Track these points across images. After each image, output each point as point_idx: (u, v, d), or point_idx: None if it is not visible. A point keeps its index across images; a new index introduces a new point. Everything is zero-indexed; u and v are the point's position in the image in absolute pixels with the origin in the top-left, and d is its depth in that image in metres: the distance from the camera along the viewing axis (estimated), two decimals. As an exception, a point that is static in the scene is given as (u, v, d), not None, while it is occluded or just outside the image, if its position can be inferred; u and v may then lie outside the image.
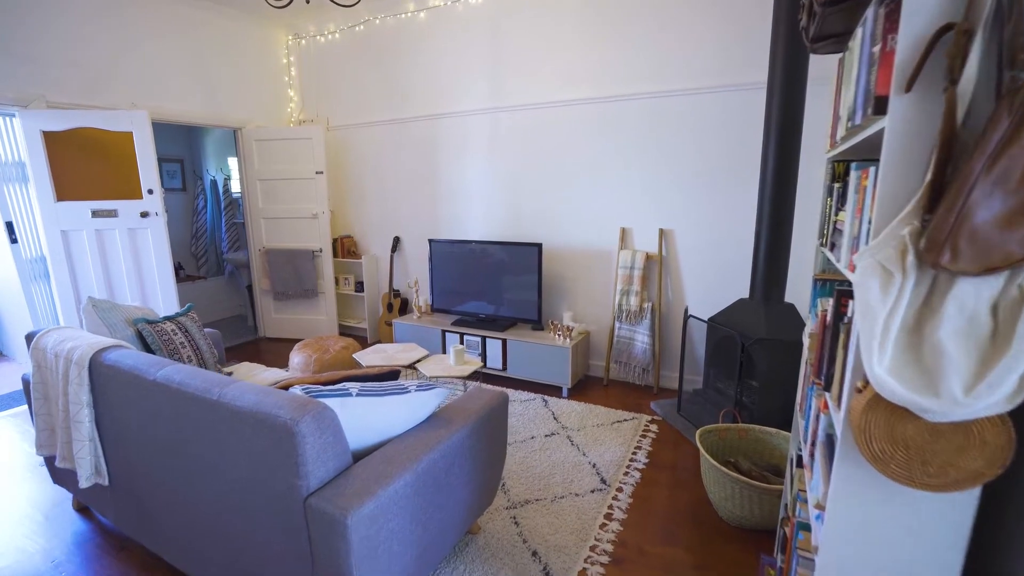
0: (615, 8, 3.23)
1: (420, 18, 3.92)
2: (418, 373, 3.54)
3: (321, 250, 4.48)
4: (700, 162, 3.15)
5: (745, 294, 3.06)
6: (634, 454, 2.61)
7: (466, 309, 3.83)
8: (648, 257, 3.36)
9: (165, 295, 3.66)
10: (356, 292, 4.67)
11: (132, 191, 3.47)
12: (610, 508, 2.17)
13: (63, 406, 1.80)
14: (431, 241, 3.86)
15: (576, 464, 2.50)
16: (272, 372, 2.68)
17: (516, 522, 2.07)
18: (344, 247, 4.66)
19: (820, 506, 0.99)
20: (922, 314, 0.71)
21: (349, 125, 4.49)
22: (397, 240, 4.48)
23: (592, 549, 1.93)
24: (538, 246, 3.44)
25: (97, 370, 1.74)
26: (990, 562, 0.87)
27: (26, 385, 2.07)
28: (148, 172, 3.46)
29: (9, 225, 3.50)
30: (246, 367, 2.76)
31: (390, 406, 1.52)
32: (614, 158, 3.41)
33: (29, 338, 2.02)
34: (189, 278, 5.43)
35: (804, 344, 1.55)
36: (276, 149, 4.36)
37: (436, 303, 3.95)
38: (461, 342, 3.67)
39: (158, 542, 1.77)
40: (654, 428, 2.90)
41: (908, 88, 0.74)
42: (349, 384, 1.54)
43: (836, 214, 1.22)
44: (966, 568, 0.84)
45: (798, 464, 1.52)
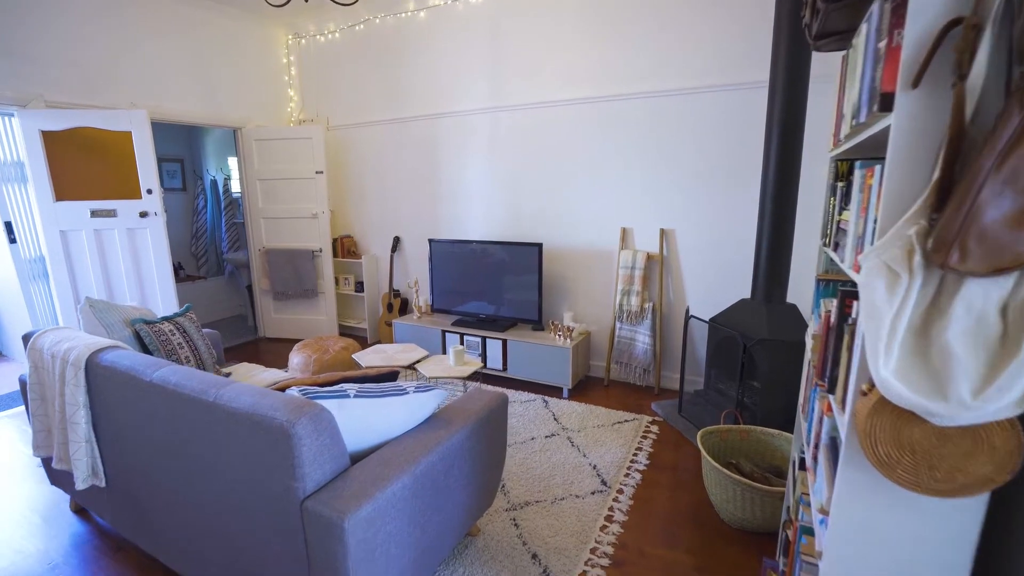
0: (615, 7, 3.21)
1: (420, 17, 3.91)
2: (418, 374, 3.53)
3: (321, 250, 4.47)
4: (701, 161, 3.14)
5: (746, 294, 3.04)
6: (635, 455, 2.59)
7: (466, 309, 3.82)
8: (649, 257, 3.34)
9: (164, 295, 3.65)
10: (356, 292, 4.66)
11: (131, 191, 3.47)
12: (610, 510, 2.16)
13: (59, 407, 1.79)
14: (431, 241, 3.84)
15: (576, 465, 2.49)
16: (271, 373, 2.67)
17: (516, 524, 2.06)
18: (344, 247, 4.65)
19: (824, 511, 0.98)
20: (929, 315, 0.69)
21: (349, 125, 4.48)
22: (397, 240, 4.46)
23: (592, 551, 1.92)
24: (538, 246, 3.42)
25: (93, 371, 1.73)
26: (998, 570, 0.85)
27: (23, 386, 2.06)
28: (147, 172, 3.46)
29: (8, 225, 3.49)
30: (245, 368, 2.75)
31: (388, 407, 1.50)
32: (615, 157, 3.39)
33: (26, 339, 2.01)
34: (189, 278, 5.42)
35: (807, 345, 1.53)
36: (276, 149, 4.35)
37: (436, 303, 3.93)
38: (461, 342, 3.66)
39: (155, 544, 1.76)
40: (655, 429, 2.88)
41: (915, 84, 0.72)
42: (347, 385, 1.53)
43: (840, 213, 1.21)
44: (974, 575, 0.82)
45: (800, 466, 1.50)
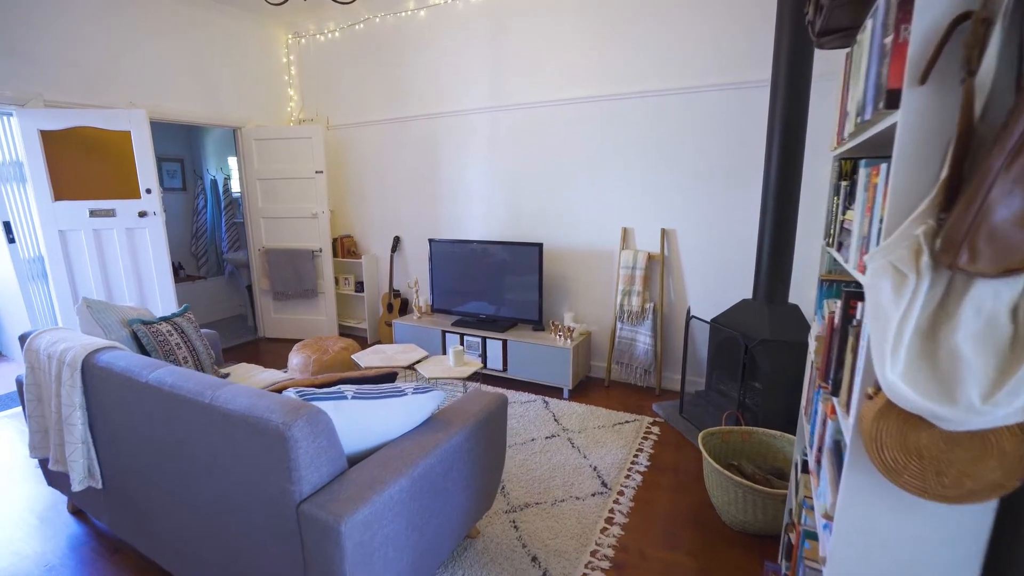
0: (615, 7, 3.19)
1: (420, 16, 3.90)
2: (417, 374, 3.52)
3: (321, 250, 4.46)
4: (701, 161, 3.12)
5: (748, 294, 3.02)
6: (636, 457, 2.58)
7: (466, 309, 3.80)
8: (650, 257, 3.32)
9: (163, 295, 3.64)
10: (356, 292, 4.64)
11: (130, 191, 3.45)
12: (611, 512, 2.14)
13: (56, 408, 1.78)
14: (431, 241, 3.83)
15: (577, 467, 2.47)
16: (269, 373, 2.66)
17: (515, 526, 2.04)
18: (344, 247, 4.63)
19: (828, 516, 0.96)
20: (937, 317, 0.67)
21: (349, 124, 4.46)
22: (397, 240, 4.45)
23: (593, 554, 1.90)
24: (539, 246, 3.41)
25: (90, 372, 1.71)
26: (1006, 576, 0.83)
27: (20, 386, 2.05)
28: (146, 171, 3.44)
29: (7, 225, 3.49)
30: (243, 368, 2.74)
31: (386, 409, 1.49)
32: (615, 157, 3.38)
33: (23, 339, 1.99)
34: (189, 278, 5.42)
35: (809, 346, 1.52)
36: (276, 148, 4.34)
37: (436, 303, 3.92)
38: (461, 343, 3.64)
39: (152, 546, 1.74)
40: (656, 430, 2.86)
41: (923, 80, 0.70)
42: (344, 387, 1.51)
43: (843, 213, 1.19)
44: (981, 582, 0.81)
45: (803, 469, 1.48)
